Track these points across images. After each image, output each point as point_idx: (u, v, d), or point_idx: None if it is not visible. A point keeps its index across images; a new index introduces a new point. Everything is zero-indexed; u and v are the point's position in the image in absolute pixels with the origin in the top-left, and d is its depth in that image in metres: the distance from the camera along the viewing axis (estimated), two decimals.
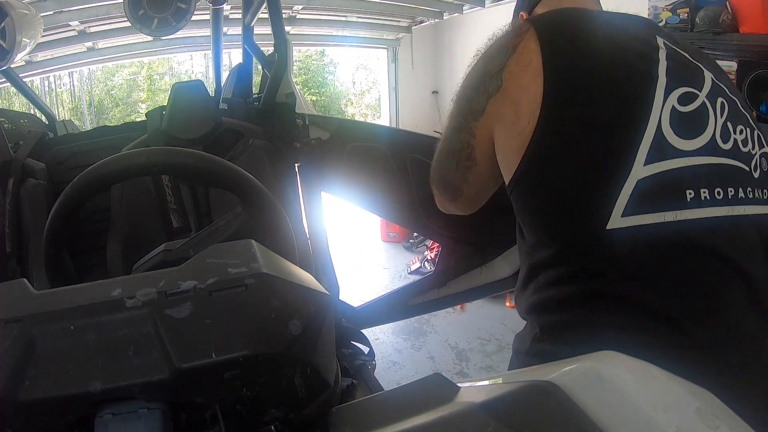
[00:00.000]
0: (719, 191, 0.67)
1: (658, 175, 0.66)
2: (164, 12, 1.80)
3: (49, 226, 0.79)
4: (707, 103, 0.70)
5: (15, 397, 0.39)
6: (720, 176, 0.68)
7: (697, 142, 0.68)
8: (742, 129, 0.72)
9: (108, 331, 0.42)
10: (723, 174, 0.68)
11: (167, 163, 0.80)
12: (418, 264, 4.35)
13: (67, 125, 2.35)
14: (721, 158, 0.69)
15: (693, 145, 0.67)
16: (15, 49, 1.71)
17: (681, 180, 0.66)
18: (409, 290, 1.98)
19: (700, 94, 0.70)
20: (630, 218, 0.65)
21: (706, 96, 0.71)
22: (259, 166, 1.62)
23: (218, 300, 0.43)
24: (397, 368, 3.01)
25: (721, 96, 0.72)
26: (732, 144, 0.70)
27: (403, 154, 1.76)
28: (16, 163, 1.58)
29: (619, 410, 0.44)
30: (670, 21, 2.60)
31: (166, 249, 0.79)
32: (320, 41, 6.63)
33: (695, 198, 0.66)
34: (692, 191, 0.66)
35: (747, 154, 0.71)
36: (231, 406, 0.44)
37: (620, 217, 0.65)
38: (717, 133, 0.69)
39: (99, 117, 10.33)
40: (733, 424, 0.46)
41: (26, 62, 4.09)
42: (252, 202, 0.81)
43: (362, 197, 1.91)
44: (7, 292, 0.45)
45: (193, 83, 1.74)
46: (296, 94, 1.98)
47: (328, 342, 0.47)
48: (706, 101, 0.70)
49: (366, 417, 0.50)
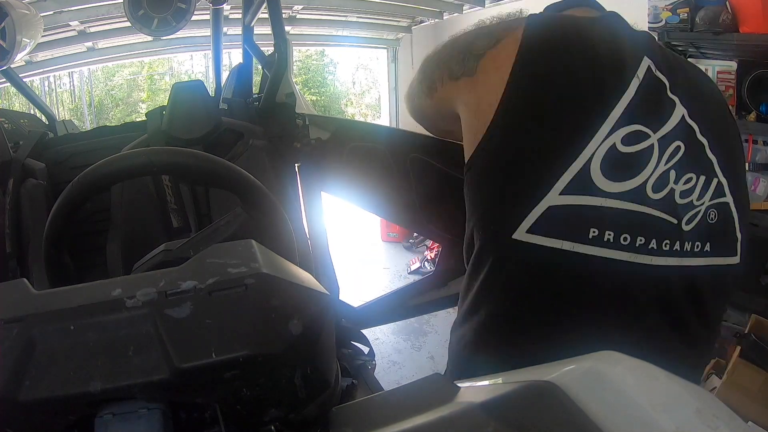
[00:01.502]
0: (626, 237, 0.69)
1: (569, 207, 0.69)
2: (164, 12, 1.80)
3: (49, 226, 0.79)
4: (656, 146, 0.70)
5: (15, 397, 0.39)
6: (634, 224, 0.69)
7: (622, 186, 0.69)
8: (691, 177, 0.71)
9: (108, 331, 0.42)
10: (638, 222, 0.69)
11: (167, 163, 0.80)
12: (418, 264, 4.36)
13: (67, 125, 2.35)
14: (644, 207, 0.70)
15: (616, 188, 0.69)
16: (15, 49, 1.71)
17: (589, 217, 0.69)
18: (409, 290, 1.98)
19: (653, 135, 0.70)
20: (533, 236, 0.70)
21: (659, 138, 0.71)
22: (259, 166, 1.62)
23: (218, 300, 0.43)
24: (397, 368, 3.01)
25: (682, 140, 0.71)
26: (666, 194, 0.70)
27: (403, 155, 1.76)
28: (16, 163, 1.58)
29: (619, 410, 0.44)
30: (670, 21, 2.60)
31: (166, 249, 0.79)
32: (320, 41, 6.63)
33: (597, 237, 0.69)
34: (596, 230, 0.69)
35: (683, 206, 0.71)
36: (231, 406, 0.44)
37: (525, 232, 0.70)
38: (650, 181, 0.70)
39: (99, 117, 10.33)
40: (733, 424, 0.46)
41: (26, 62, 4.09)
42: (252, 202, 0.81)
43: (362, 198, 1.91)
44: (7, 292, 0.45)
45: (193, 83, 1.74)
46: (296, 94, 1.98)
47: (328, 342, 0.47)
48: (655, 144, 0.70)
49: (366, 417, 0.50)
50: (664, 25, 2.63)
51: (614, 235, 0.69)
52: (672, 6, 2.59)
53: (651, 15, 2.69)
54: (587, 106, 0.71)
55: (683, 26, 2.57)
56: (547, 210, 0.69)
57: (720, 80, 2.65)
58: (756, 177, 2.49)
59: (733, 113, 2.56)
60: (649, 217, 0.70)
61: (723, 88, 2.63)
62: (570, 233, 0.69)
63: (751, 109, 2.49)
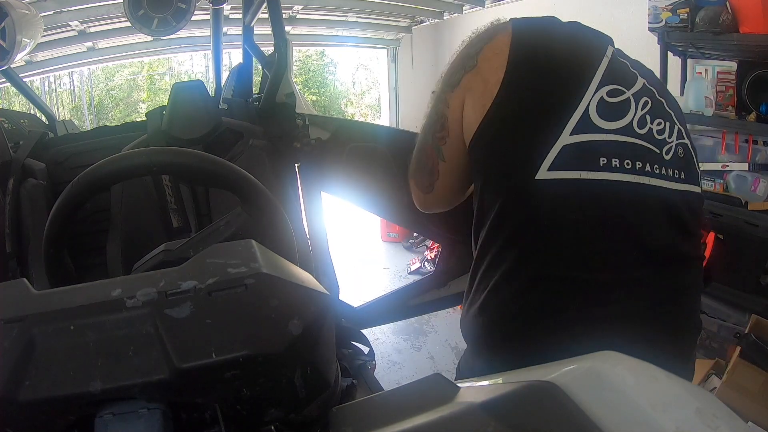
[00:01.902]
0: (628, 162, 0.85)
1: (580, 144, 0.84)
2: (164, 12, 1.80)
3: (49, 226, 0.79)
4: (632, 99, 0.88)
5: (15, 397, 0.39)
6: (631, 151, 0.85)
7: (615, 124, 0.86)
8: (661, 122, 0.90)
9: (108, 331, 0.42)
10: (634, 150, 0.86)
11: (167, 163, 0.80)
12: (418, 264, 4.35)
13: (67, 125, 2.35)
14: (635, 139, 0.86)
15: (612, 126, 0.86)
16: (15, 49, 1.72)
17: (597, 149, 0.84)
18: (410, 290, 1.98)
19: (627, 92, 0.88)
20: (553, 172, 0.83)
21: (633, 94, 0.89)
22: (259, 166, 1.62)
23: (218, 300, 0.43)
24: (397, 368, 3.01)
25: (647, 96, 0.90)
26: (647, 131, 0.88)
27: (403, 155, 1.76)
28: (16, 163, 1.58)
29: (619, 410, 0.44)
30: (670, 21, 2.60)
31: (166, 249, 0.79)
32: (320, 41, 6.63)
33: (607, 164, 0.84)
34: (605, 159, 0.84)
35: (661, 141, 0.88)
36: (231, 406, 0.44)
37: (546, 170, 0.83)
38: (635, 121, 0.87)
39: (99, 117, 10.33)
40: (733, 424, 0.46)
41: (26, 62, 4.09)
42: (252, 202, 0.81)
43: (362, 198, 1.91)
44: (7, 292, 0.45)
45: (193, 83, 1.74)
46: (296, 94, 1.98)
47: (328, 342, 0.47)
48: (631, 97, 0.88)
49: (366, 417, 0.50)
50: (664, 25, 2.63)
51: (619, 161, 0.84)
52: (672, 6, 2.59)
53: (651, 15, 2.69)
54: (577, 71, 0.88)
55: (683, 26, 2.57)
56: (562, 149, 0.83)
57: (720, 80, 2.65)
58: (756, 177, 2.49)
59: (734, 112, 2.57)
60: (639, 147, 0.86)
61: (723, 88, 2.63)
62: (584, 164, 0.84)
63: (751, 109, 2.49)
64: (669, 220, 0.87)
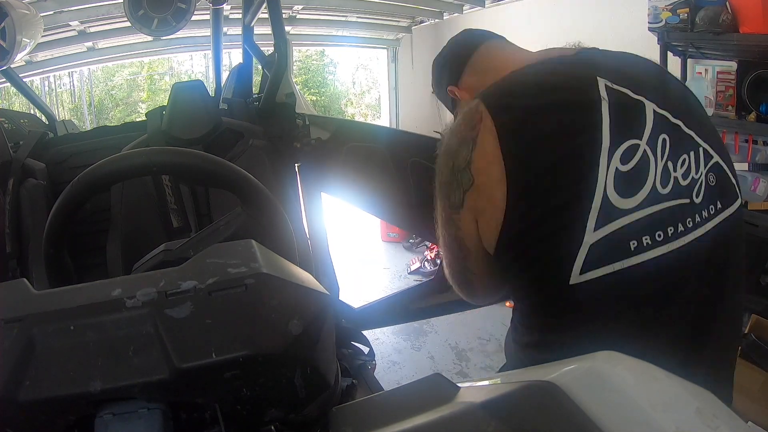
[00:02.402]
0: (659, 234, 0.79)
1: (606, 236, 0.78)
2: (164, 12, 1.80)
3: (49, 226, 0.79)
4: (648, 150, 0.80)
5: (15, 397, 0.39)
6: (659, 222, 0.80)
7: (637, 199, 0.79)
8: (685, 158, 0.82)
9: (108, 331, 0.42)
10: (662, 218, 0.80)
11: (167, 163, 0.81)
12: (418, 264, 4.35)
13: (67, 125, 2.35)
14: (661, 204, 0.80)
15: (635, 202, 0.79)
16: (15, 49, 1.71)
17: (625, 235, 0.79)
18: (411, 294, 1.98)
19: (641, 142, 0.80)
20: (586, 274, 0.78)
21: (647, 141, 0.80)
22: (259, 166, 1.62)
23: (218, 300, 0.43)
24: (397, 368, 3.01)
25: (663, 130, 0.81)
26: (671, 185, 0.81)
27: (403, 157, 1.76)
28: (16, 163, 1.58)
29: (619, 410, 0.44)
30: (670, 21, 2.60)
31: (166, 249, 0.79)
32: (320, 41, 6.62)
33: (638, 246, 0.79)
34: (635, 242, 0.79)
35: (688, 185, 0.82)
36: (231, 406, 0.44)
37: (578, 275, 0.78)
38: (657, 181, 0.80)
39: (99, 117, 10.32)
40: (733, 424, 0.46)
41: (26, 62, 4.09)
42: (252, 202, 0.81)
43: (361, 198, 1.91)
44: (7, 292, 0.45)
45: (193, 83, 1.74)
46: (296, 94, 1.98)
47: (328, 342, 0.47)
48: (646, 149, 0.80)
49: (366, 417, 0.50)
50: (664, 25, 2.62)
51: (650, 238, 0.79)
52: (672, 6, 2.58)
53: (651, 15, 2.68)
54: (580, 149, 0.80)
55: (683, 26, 2.56)
56: (590, 249, 0.78)
57: (720, 80, 2.65)
58: (756, 177, 2.49)
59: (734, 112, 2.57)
60: (668, 210, 0.80)
61: (723, 88, 2.63)
62: (615, 256, 0.78)
63: (751, 109, 2.48)
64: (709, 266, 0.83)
